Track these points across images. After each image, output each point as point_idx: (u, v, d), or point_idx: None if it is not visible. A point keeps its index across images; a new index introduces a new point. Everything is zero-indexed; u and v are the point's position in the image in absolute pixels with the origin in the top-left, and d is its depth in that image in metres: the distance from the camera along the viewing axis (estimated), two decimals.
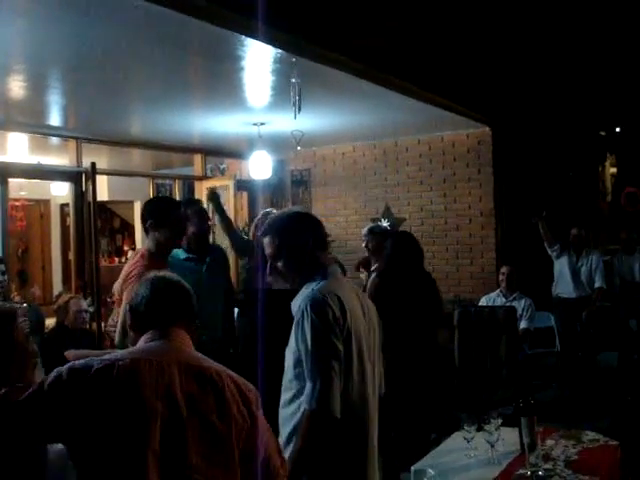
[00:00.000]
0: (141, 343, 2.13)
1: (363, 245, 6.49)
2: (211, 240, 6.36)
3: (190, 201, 6.17)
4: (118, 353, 2.06)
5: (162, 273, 2.35)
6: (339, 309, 2.63)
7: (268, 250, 2.79)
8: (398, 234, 6.12)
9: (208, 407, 1.97)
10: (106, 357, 2.00)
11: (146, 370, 1.94)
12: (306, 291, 2.71)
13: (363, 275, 7.70)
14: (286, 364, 2.72)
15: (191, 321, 2.24)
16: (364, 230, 6.59)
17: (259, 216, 6.18)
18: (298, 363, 2.63)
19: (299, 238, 2.75)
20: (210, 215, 5.64)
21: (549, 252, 8.11)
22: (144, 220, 4.11)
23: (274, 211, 6.48)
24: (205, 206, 5.57)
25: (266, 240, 2.79)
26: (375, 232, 6.60)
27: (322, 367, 2.54)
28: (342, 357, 2.60)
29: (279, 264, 2.77)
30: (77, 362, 1.98)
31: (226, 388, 2.02)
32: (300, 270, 2.76)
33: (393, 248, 5.73)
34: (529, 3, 6.66)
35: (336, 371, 2.56)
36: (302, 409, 2.55)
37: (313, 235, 2.81)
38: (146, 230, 4.12)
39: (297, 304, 2.70)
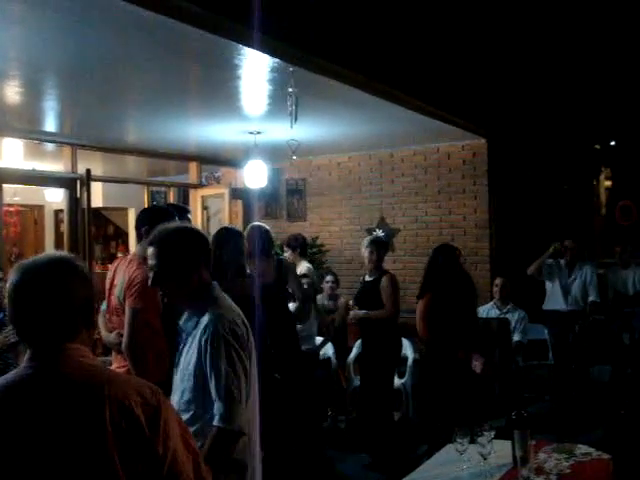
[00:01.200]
0: (25, 362, 1.80)
1: (365, 255, 6.44)
2: None
3: (180, 208, 6.12)
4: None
5: (36, 257, 1.87)
6: (243, 327, 2.76)
7: (152, 262, 2.74)
8: (444, 248, 6.18)
9: (84, 447, 1.70)
10: None
11: (19, 423, 1.69)
12: (207, 312, 2.71)
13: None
14: (181, 385, 2.74)
15: (89, 324, 1.88)
16: (365, 241, 6.57)
17: (248, 229, 6.14)
18: (199, 384, 2.66)
19: (188, 255, 2.74)
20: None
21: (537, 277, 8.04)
22: (139, 226, 4.11)
23: (263, 224, 6.48)
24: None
25: (151, 251, 2.75)
26: (378, 243, 6.60)
27: (234, 386, 2.61)
28: (248, 375, 2.70)
29: (164, 279, 2.73)
30: None
31: (108, 422, 1.71)
32: (188, 288, 2.75)
33: (444, 263, 5.94)
34: (525, 17, 6.70)
35: (243, 389, 2.65)
36: (204, 429, 2.60)
37: (203, 252, 2.81)
38: (140, 236, 4.11)
39: (196, 324, 2.73)
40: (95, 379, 1.79)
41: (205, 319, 2.70)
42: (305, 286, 6.35)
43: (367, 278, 6.51)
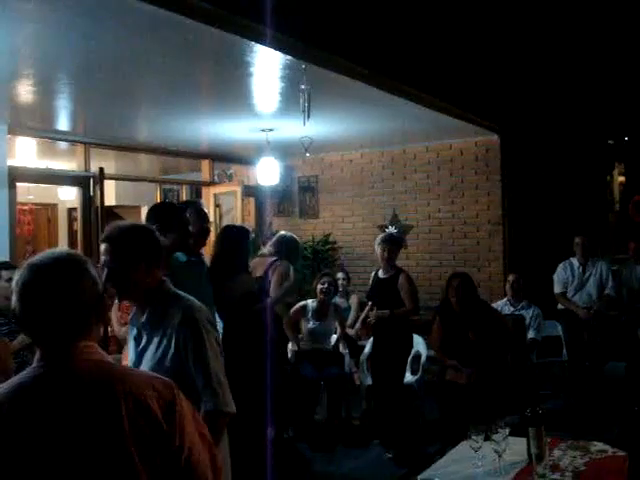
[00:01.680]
0: (35, 362, 1.77)
1: (379, 252, 6.45)
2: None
3: (189, 202, 6.16)
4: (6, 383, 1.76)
5: (44, 254, 1.84)
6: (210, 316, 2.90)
7: (104, 257, 2.72)
8: (461, 276, 6.39)
9: (102, 445, 1.69)
10: None
11: (32, 421, 1.66)
12: (176, 307, 2.75)
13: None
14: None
15: (98, 322, 1.86)
16: (379, 238, 6.57)
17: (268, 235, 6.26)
18: (177, 378, 2.65)
19: (141, 252, 2.74)
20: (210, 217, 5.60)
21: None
22: (150, 224, 4.11)
23: (282, 232, 6.58)
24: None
25: (104, 247, 2.73)
26: (392, 240, 6.60)
27: (221, 372, 2.73)
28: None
29: (117, 276, 2.70)
30: None
31: (125, 418, 1.71)
32: (143, 284, 2.75)
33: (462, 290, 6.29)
34: (539, 13, 6.66)
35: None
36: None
37: (155, 250, 2.81)
38: None
39: (160, 320, 2.74)
40: (108, 376, 1.77)
41: (176, 313, 2.72)
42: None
43: (381, 275, 6.50)
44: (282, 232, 6.58)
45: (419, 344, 7.20)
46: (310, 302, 6.97)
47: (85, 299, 1.79)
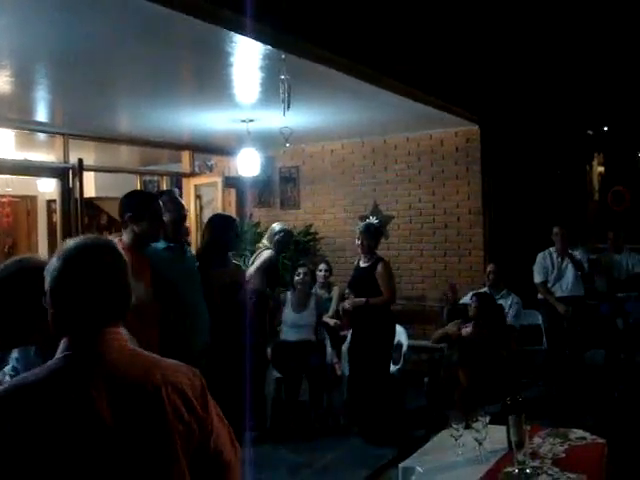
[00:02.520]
0: (59, 352, 1.73)
1: (358, 242, 6.52)
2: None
3: (163, 191, 6.17)
4: (30, 375, 1.70)
5: (90, 240, 1.84)
6: None
7: None
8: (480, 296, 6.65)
9: (147, 432, 1.70)
10: (15, 382, 1.72)
11: (74, 401, 1.64)
12: None
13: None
14: None
15: (127, 309, 1.82)
16: (359, 227, 6.63)
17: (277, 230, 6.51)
18: None
19: None
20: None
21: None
22: (122, 213, 4.10)
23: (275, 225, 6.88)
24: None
25: None
26: (371, 229, 6.64)
27: None
28: None
29: None
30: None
31: (167, 404, 1.73)
32: None
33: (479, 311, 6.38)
34: (518, 4, 6.69)
35: None
36: None
37: None
38: (124, 224, 4.10)
39: None
40: (143, 361, 1.79)
41: None
42: None
43: (361, 264, 6.54)
44: (275, 225, 6.74)
45: (400, 334, 7.22)
46: (289, 293, 6.99)
47: (121, 283, 1.80)
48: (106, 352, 1.73)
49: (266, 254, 6.63)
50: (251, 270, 6.46)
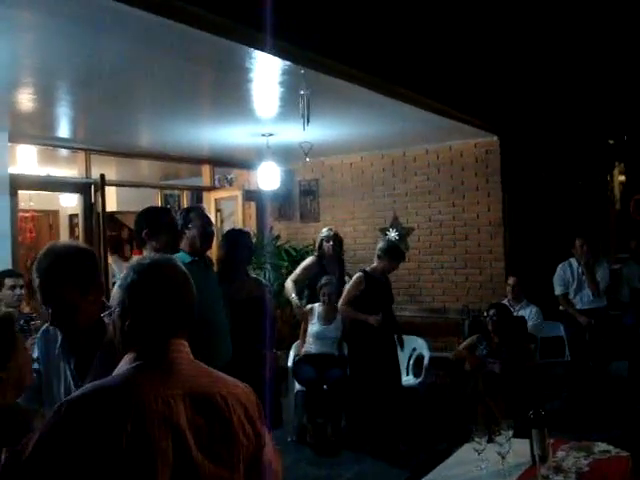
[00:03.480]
0: (129, 363, 1.82)
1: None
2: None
3: (191, 207, 6.21)
4: (108, 382, 1.78)
5: (151, 258, 1.97)
6: None
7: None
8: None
9: (215, 439, 1.79)
10: (94, 387, 1.76)
11: (151, 404, 1.71)
12: None
13: None
14: None
15: (192, 321, 1.94)
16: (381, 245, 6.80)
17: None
18: None
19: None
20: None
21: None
22: (139, 232, 4.13)
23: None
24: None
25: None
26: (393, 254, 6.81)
27: None
28: None
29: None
30: (72, 396, 1.76)
31: (233, 414, 1.84)
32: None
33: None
34: (538, 14, 6.68)
35: None
36: None
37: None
38: (142, 242, 4.13)
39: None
40: (209, 374, 1.90)
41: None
42: None
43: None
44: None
45: (422, 347, 7.21)
46: (317, 305, 6.99)
47: (188, 297, 1.93)
48: (175, 361, 1.83)
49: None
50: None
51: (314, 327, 6.89)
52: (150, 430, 1.68)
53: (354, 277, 6.81)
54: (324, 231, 7.43)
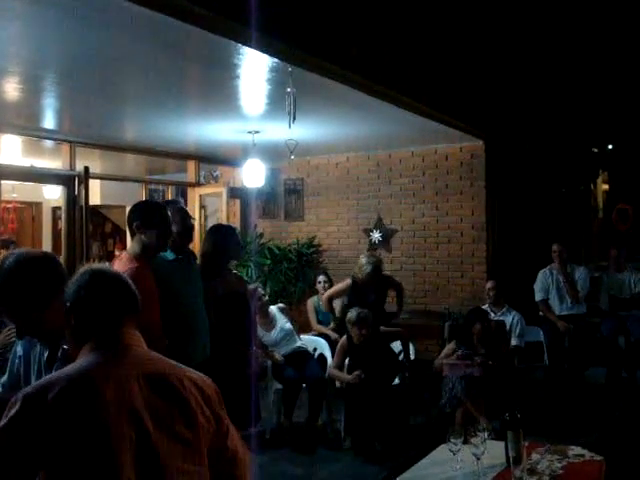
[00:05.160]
0: (87, 354, 1.91)
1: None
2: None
3: (168, 201, 6.18)
4: (63, 372, 1.86)
5: (95, 266, 2.12)
6: None
7: None
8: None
9: (174, 419, 1.85)
10: (49, 379, 1.83)
11: (105, 390, 1.78)
12: None
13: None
14: None
15: (136, 314, 2.05)
16: (367, 263, 6.84)
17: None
18: None
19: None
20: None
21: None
22: (130, 223, 4.12)
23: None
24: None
25: None
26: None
27: None
28: None
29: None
30: (27, 389, 1.81)
31: (189, 394, 1.91)
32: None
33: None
34: (524, 21, 6.72)
35: None
36: None
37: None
38: (132, 233, 4.12)
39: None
40: (164, 359, 2.00)
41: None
42: None
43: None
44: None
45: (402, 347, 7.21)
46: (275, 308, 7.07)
47: (128, 289, 2.06)
48: (130, 347, 1.94)
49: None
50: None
51: (269, 338, 6.86)
52: (106, 415, 1.75)
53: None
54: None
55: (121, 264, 3.98)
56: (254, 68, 5.17)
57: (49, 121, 7.32)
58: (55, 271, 2.46)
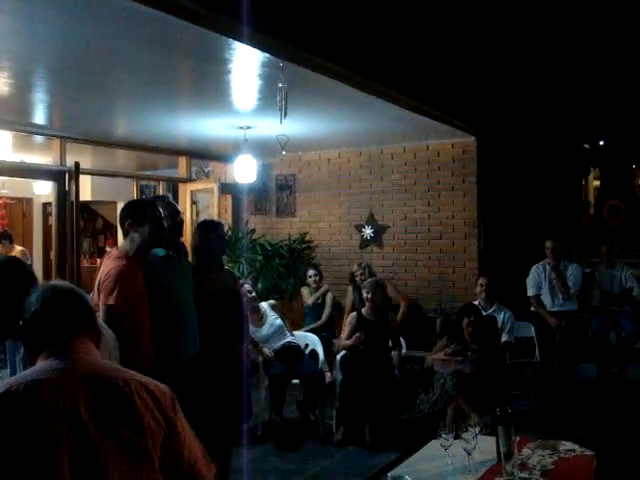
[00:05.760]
0: (39, 363, 1.98)
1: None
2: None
3: (157, 196, 6.16)
4: (13, 378, 1.95)
5: (51, 282, 2.21)
6: None
7: None
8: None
9: (118, 421, 1.87)
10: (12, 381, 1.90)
11: (45, 393, 1.83)
12: None
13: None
14: None
15: (93, 327, 2.12)
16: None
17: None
18: None
19: None
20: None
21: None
22: (123, 221, 4.10)
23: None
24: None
25: None
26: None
27: None
28: None
29: None
30: None
31: (135, 396, 1.92)
32: None
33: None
34: (516, 17, 6.72)
35: None
36: None
37: None
38: (125, 231, 4.10)
39: None
40: (114, 365, 2.09)
41: None
42: None
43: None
44: None
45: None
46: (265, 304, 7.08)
47: (82, 303, 2.10)
48: (79, 354, 1.98)
49: None
50: None
51: (260, 334, 6.85)
52: (43, 418, 1.79)
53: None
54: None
55: (110, 261, 3.97)
56: (245, 63, 5.15)
57: (39, 116, 7.28)
58: (23, 275, 2.65)
